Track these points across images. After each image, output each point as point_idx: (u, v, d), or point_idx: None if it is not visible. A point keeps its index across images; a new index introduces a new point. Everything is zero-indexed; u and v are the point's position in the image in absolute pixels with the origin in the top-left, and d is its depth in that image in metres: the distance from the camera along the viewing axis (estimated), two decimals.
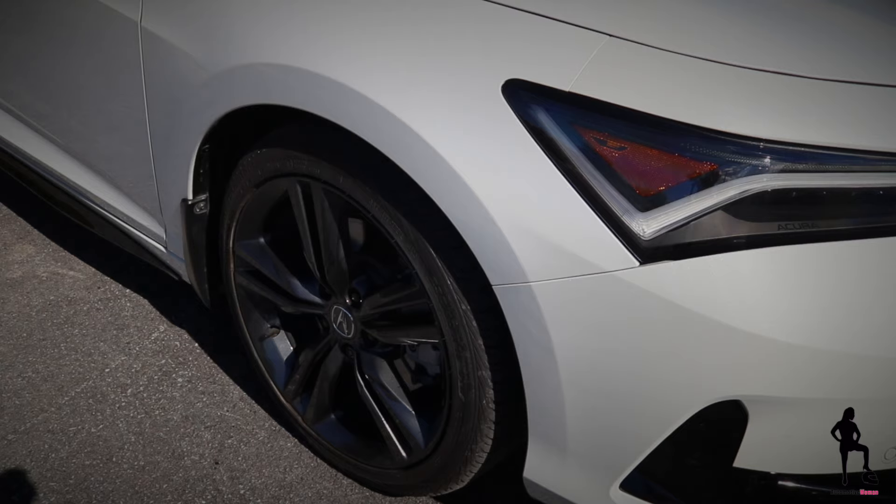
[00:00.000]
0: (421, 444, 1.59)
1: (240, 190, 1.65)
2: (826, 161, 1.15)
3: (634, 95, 1.18)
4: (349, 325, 1.63)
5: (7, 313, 2.24)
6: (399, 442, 1.63)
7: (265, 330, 1.84)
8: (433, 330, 1.45)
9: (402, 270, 1.57)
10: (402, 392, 1.63)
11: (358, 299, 1.60)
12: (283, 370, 1.83)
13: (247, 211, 1.67)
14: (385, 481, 1.71)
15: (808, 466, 1.27)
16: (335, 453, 1.77)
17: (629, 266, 1.18)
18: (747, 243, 1.16)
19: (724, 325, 1.15)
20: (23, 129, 2.21)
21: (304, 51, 1.40)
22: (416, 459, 1.61)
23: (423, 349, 1.64)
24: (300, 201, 1.57)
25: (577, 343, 1.24)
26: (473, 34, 1.29)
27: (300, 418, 1.80)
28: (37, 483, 1.77)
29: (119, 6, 1.67)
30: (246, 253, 1.73)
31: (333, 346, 1.70)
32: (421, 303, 1.45)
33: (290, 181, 1.56)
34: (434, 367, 1.63)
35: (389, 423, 1.64)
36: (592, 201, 1.19)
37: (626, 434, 1.27)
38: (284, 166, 1.54)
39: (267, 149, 1.57)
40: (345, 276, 1.58)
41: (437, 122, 1.27)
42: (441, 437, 1.53)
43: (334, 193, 1.49)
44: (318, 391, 1.75)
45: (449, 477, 1.57)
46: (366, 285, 1.60)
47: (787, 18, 1.27)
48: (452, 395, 1.46)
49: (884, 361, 1.18)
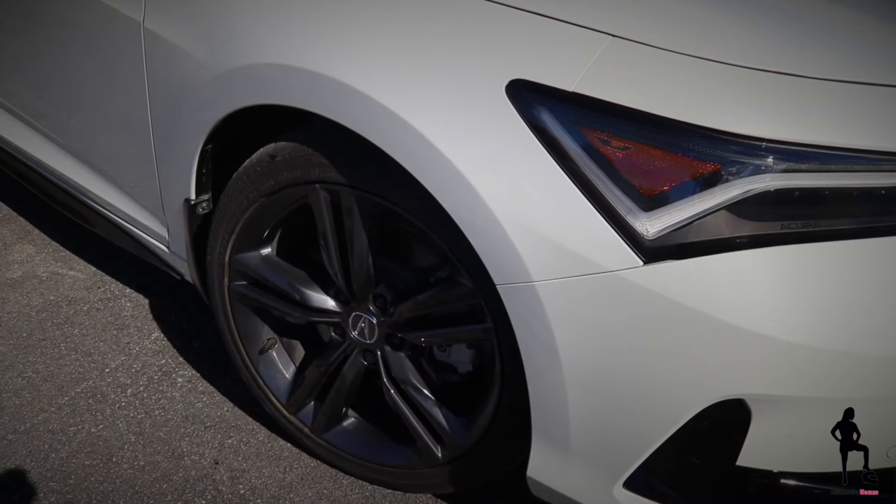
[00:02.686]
0: (461, 440, 1.59)
1: (242, 201, 1.61)
2: (828, 161, 1.15)
3: (638, 95, 1.18)
4: (372, 331, 1.62)
5: (7, 313, 2.24)
6: (432, 440, 1.63)
7: (262, 343, 1.80)
8: (479, 329, 1.45)
9: (432, 272, 1.56)
10: (435, 391, 1.63)
11: (383, 304, 1.59)
12: (284, 383, 1.80)
13: (251, 222, 1.63)
14: (411, 481, 1.72)
15: (810, 465, 1.27)
16: (350, 459, 1.76)
17: (633, 265, 1.18)
18: (750, 243, 1.17)
19: (728, 324, 1.16)
20: (24, 129, 2.20)
21: (305, 50, 1.40)
22: (453, 455, 1.62)
23: (455, 348, 1.64)
24: (325, 209, 1.53)
25: (581, 342, 1.24)
26: (476, 34, 1.29)
27: (307, 430, 1.78)
28: (37, 483, 1.77)
29: (121, 6, 1.67)
30: (248, 264, 1.68)
31: (351, 353, 1.68)
32: (471, 303, 1.44)
33: (311, 189, 1.52)
34: (466, 364, 1.64)
35: (422, 422, 1.64)
36: (596, 201, 1.20)
37: (630, 433, 1.28)
38: (307, 175, 1.51)
39: (283, 158, 1.53)
40: (370, 282, 1.57)
41: (439, 121, 1.27)
42: (485, 432, 1.54)
43: (371, 200, 1.46)
44: (331, 400, 1.73)
45: (490, 468, 1.58)
46: (392, 290, 1.58)
47: (788, 18, 1.28)
48: (504, 390, 1.46)
49: (885, 361, 1.18)
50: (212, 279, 1.75)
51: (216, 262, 1.71)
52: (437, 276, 1.55)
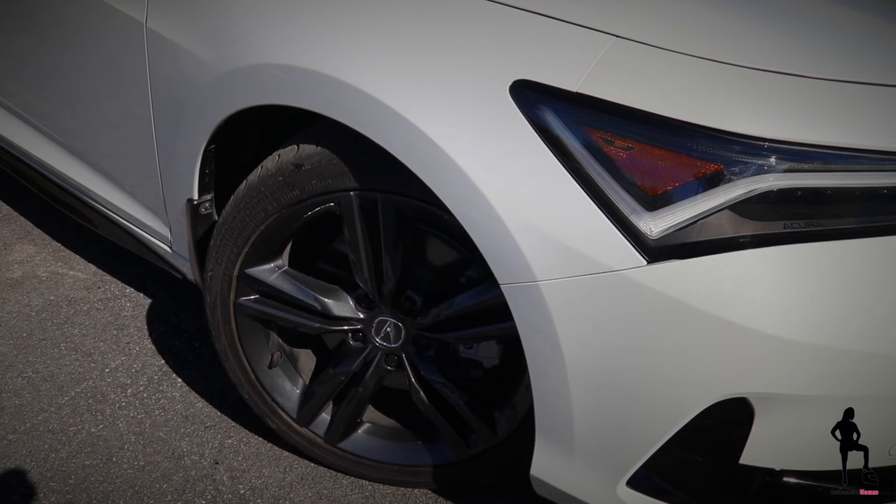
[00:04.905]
0: (495, 434, 1.60)
1: (259, 213, 1.55)
2: (830, 160, 1.16)
3: (641, 96, 1.19)
4: (398, 334, 1.61)
5: (7, 313, 2.24)
6: (465, 435, 1.64)
7: (270, 357, 1.77)
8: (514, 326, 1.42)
9: (461, 272, 1.55)
10: (466, 388, 1.62)
11: (411, 306, 1.59)
12: (294, 396, 1.77)
13: (267, 234, 1.58)
14: (440, 478, 1.72)
15: (812, 463, 1.28)
16: (371, 464, 1.76)
17: (637, 265, 1.19)
18: (753, 242, 1.17)
19: (731, 322, 1.16)
20: (25, 129, 2.20)
21: (309, 50, 1.40)
22: (486, 448, 1.63)
23: (484, 345, 1.64)
24: (358, 216, 1.49)
25: (585, 341, 1.24)
26: (480, 34, 1.29)
27: (319, 440, 1.77)
28: (37, 483, 1.77)
29: (124, 6, 1.67)
30: (261, 278, 1.64)
31: (373, 358, 1.67)
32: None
33: (344, 196, 1.49)
34: (493, 359, 1.64)
35: (452, 419, 1.64)
36: (600, 201, 1.20)
37: (634, 431, 1.28)
38: (341, 183, 1.47)
39: (312, 166, 1.49)
40: (401, 286, 1.57)
41: (444, 121, 1.28)
42: (519, 424, 1.55)
43: (412, 205, 1.44)
44: (350, 407, 1.72)
45: (520, 459, 1.58)
46: (422, 292, 1.58)
47: (791, 19, 1.29)
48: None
49: (888, 359, 1.19)
50: (213, 295, 1.70)
51: (220, 276, 1.66)
52: (466, 275, 1.55)
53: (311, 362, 1.83)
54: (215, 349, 1.78)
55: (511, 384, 1.57)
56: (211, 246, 1.66)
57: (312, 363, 1.83)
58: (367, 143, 1.37)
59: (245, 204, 1.58)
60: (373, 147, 1.36)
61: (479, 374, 1.67)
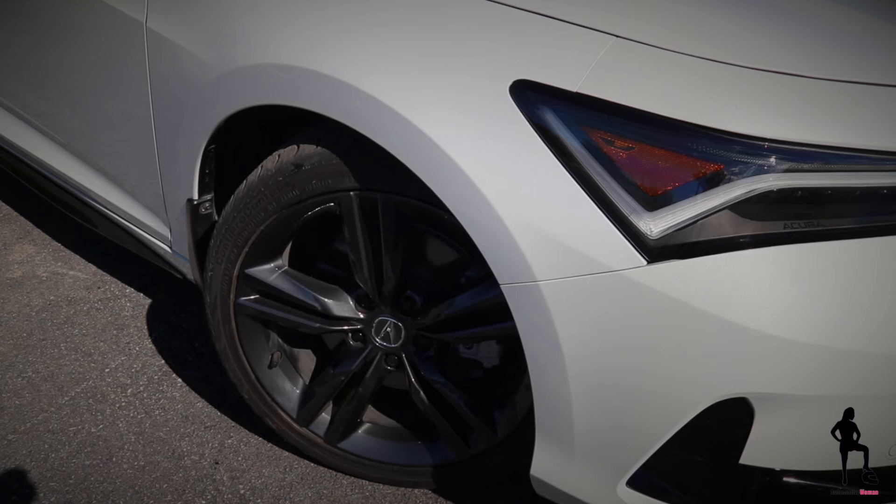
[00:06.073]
0: (494, 434, 1.61)
1: (259, 213, 1.56)
2: (830, 160, 1.16)
3: (641, 96, 1.19)
4: (398, 334, 1.62)
5: (7, 313, 2.24)
6: (464, 435, 1.64)
7: (270, 357, 1.77)
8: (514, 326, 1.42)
9: (461, 272, 1.55)
10: (466, 387, 1.63)
11: (411, 306, 1.59)
12: (294, 396, 1.78)
13: (267, 234, 1.59)
14: (440, 478, 1.72)
15: (812, 463, 1.28)
16: (370, 464, 1.76)
17: (637, 265, 1.19)
18: (753, 242, 1.17)
19: (731, 322, 1.16)
20: (25, 128, 2.21)
21: (309, 50, 1.40)
22: (486, 448, 1.63)
23: (484, 345, 1.65)
24: (358, 216, 1.50)
25: (585, 341, 1.24)
26: (480, 34, 1.29)
27: (320, 440, 1.77)
28: (37, 483, 1.77)
29: (124, 6, 1.67)
30: (261, 278, 1.64)
31: (373, 358, 1.67)
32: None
33: (344, 196, 1.49)
34: (493, 359, 1.64)
35: (454, 419, 1.64)
36: (600, 201, 1.20)
37: (634, 431, 1.28)
38: (341, 183, 1.47)
39: (312, 166, 1.49)
40: (401, 286, 1.57)
41: (444, 121, 1.28)
42: (519, 424, 1.55)
43: (412, 205, 1.44)
44: (350, 407, 1.72)
45: (520, 459, 1.58)
46: (421, 292, 1.58)
47: (791, 19, 1.29)
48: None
49: (887, 359, 1.19)
50: (213, 295, 1.70)
51: (220, 276, 1.66)
52: (466, 275, 1.55)
53: (311, 362, 1.83)
54: (215, 349, 1.78)
55: (511, 384, 1.57)
56: (211, 246, 1.67)
57: (312, 363, 1.83)
58: (367, 143, 1.37)
59: (245, 204, 1.58)
60: (373, 147, 1.36)
61: (479, 374, 1.68)
